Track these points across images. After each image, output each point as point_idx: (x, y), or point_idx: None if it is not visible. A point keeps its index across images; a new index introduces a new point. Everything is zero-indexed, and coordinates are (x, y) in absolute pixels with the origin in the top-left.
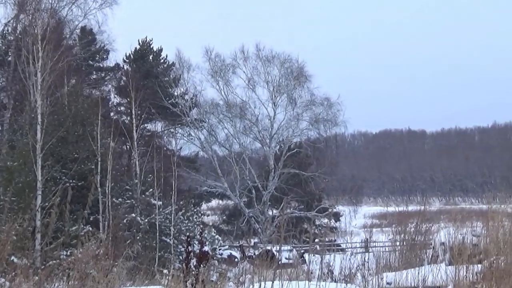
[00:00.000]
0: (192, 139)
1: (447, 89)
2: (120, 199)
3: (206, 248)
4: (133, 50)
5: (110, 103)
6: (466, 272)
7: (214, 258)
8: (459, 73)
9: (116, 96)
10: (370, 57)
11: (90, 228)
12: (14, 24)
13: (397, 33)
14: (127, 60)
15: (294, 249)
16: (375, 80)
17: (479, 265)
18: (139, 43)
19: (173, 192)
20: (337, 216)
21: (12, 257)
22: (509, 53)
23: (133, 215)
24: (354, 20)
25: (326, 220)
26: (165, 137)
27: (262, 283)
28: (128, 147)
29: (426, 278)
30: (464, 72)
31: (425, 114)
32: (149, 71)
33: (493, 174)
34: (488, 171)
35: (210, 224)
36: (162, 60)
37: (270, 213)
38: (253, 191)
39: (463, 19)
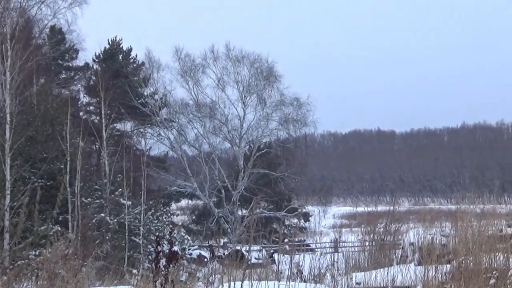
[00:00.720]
0: (161, 139)
1: (416, 90)
2: (89, 199)
3: (175, 248)
4: (102, 50)
5: (79, 102)
6: (435, 272)
7: (184, 258)
8: (428, 74)
9: (85, 95)
10: (340, 58)
11: (59, 228)
12: None
13: (368, 32)
14: (96, 60)
15: (263, 249)
16: (345, 81)
17: (448, 265)
18: (108, 43)
19: (143, 192)
20: (306, 216)
21: None
22: (477, 55)
23: (102, 215)
24: (327, 19)
25: (295, 220)
26: (134, 137)
27: (232, 283)
28: (97, 146)
29: (395, 278)
30: (433, 73)
31: (395, 114)
32: (119, 71)
33: (462, 175)
34: (457, 172)
35: (180, 224)
36: (131, 60)
37: (240, 213)
38: (223, 191)
39: (436, 18)
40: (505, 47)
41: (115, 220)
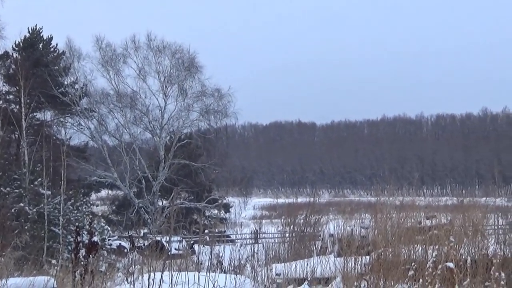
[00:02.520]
0: (82, 128)
1: (337, 83)
2: (8, 188)
3: (95, 239)
4: (22, 38)
5: None
6: (355, 264)
7: (103, 248)
8: (349, 67)
9: (4, 84)
10: (260, 50)
11: None
12: None
13: (290, 25)
14: (16, 48)
15: (184, 240)
16: (266, 72)
17: (367, 257)
18: (28, 31)
19: (62, 181)
20: (227, 207)
21: None
22: (399, 49)
23: (21, 204)
24: (248, 10)
25: (216, 211)
26: (54, 126)
27: (152, 274)
28: (16, 136)
29: (315, 269)
30: (352, 66)
31: (315, 106)
32: (39, 60)
33: (382, 167)
34: (377, 164)
35: (100, 214)
36: (52, 49)
37: (160, 203)
38: (143, 182)
39: (352, 15)
40: (425, 42)
41: (34, 210)
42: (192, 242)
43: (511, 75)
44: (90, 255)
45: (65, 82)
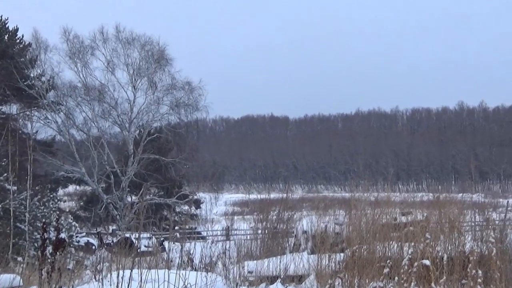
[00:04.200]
0: (48, 122)
1: (310, 76)
2: None
3: (62, 235)
4: None
5: None
6: (329, 261)
7: (71, 245)
8: (322, 61)
9: None
10: (233, 44)
11: None
12: None
13: (261, 16)
14: None
15: (153, 237)
16: (238, 66)
17: (342, 254)
18: None
19: (29, 177)
20: (197, 203)
21: None
22: (372, 42)
23: None
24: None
25: (186, 207)
26: (20, 120)
27: (120, 272)
28: None
29: (288, 267)
30: (328, 60)
31: (288, 100)
32: (4, 51)
33: (356, 162)
34: (351, 159)
35: (67, 210)
36: (18, 40)
37: (129, 199)
38: (112, 177)
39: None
40: (400, 34)
41: (0, 206)
42: (162, 239)
43: (488, 68)
44: (57, 252)
45: (32, 75)
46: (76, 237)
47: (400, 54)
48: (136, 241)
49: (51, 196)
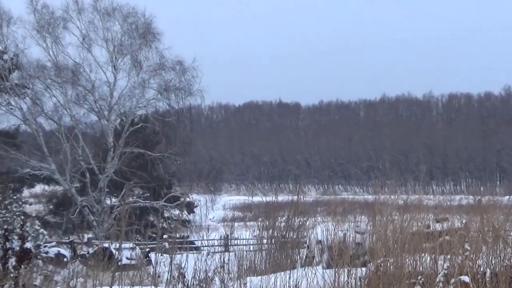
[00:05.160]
0: (12, 109)
1: (326, 56)
2: None
3: (28, 245)
4: None
5: None
6: (348, 277)
7: (38, 257)
8: (340, 38)
9: None
10: (233, 19)
11: None
12: None
13: None
14: None
15: (137, 247)
16: (241, 45)
17: (364, 269)
18: None
19: None
20: (190, 207)
21: None
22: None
23: None
24: None
25: (177, 212)
26: None
27: None
28: None
29: (299, 284)
30: (348, 37)
31: (300, 84)
32: None
33: (381, 158)
34: (375, 154)
35: (34, 215)
36: None
37: (108, 202)
38: (87, 175)
39: None
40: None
41: None
42: (147, 249)
43: None
44: (22, 265)
45: None
46: (45, 247)
47: (434, 30)
48: (117, 252)
49: (15, 198)
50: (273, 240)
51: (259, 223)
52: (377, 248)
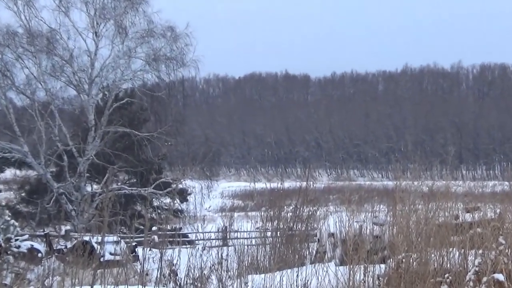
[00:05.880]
0: None
1: (339, 21)
2: None
3: None
4: None
5: None
6: (365, 276)
7: (8, 252)
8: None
9: None
10: None
11: None
12: None
13: None
14: None
15: (122, 241)
16: (239, 10)
17: (383, 266)
18: None
19: None
20: (183, 195)
21: None
22: None
23: None
24: None
25: (168, 200)
26: None
27: None
28: None
29: (309, 282)
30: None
31: (310, 53)
32: None
33: (403, 138)
34: (396, 134)
35: (3, 204)
36: None
37: (89, 189)
38: (65, 158)
39: None
40: None
41: None
42: (134, 243)
43: None
44: None
45: None
46: (16, 240)
47: None
48: (99, 247)
49: None
50: (278, 232)
51: (262, 213)
52: (398, 242)
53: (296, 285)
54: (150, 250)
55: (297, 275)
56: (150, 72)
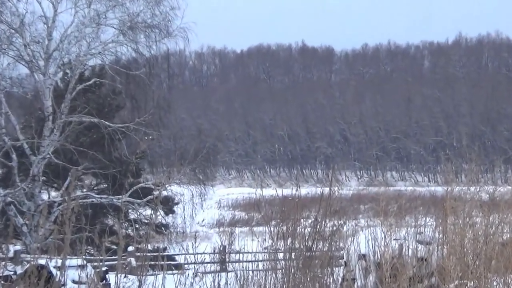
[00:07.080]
0: None
1: None
2: None
3: None
4: None
5: None
6: None
7: None
8: None
9: None
10: None
11: None
12: None
13: None
14: None
15: (88, 265)
16: None
17: None
18: None
19: None
20: (169, 205)
21: None
22: None
23: None
24: None
25: (149, 212)
26: None
27: None
28: None
29: None
30: None
31: (332, 23)
32: None
33: (456, 130)
34: (447, 125)
35: None
36: None
37: (46, 197)
38: (14, 156)
39: None
40: None
41: None
42: (104, 268)
43: None
44: None
45: None
46: None
47: None
48: (58, 273)
49: None
50: (293, 254)
51: (271, 229)
52: (450, 266)
53: None
54: (125, 277)
55: None
56: (125, 44)
